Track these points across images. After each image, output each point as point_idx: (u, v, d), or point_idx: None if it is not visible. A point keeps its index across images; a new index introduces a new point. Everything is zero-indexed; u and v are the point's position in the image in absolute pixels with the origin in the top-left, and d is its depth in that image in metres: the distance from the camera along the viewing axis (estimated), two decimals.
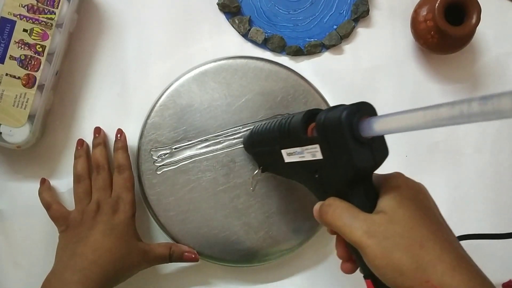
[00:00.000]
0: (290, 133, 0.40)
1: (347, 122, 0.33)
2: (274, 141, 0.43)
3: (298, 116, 0.39)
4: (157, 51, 0.59)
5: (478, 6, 0.53)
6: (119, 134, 0.55)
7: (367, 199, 0.35)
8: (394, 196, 0.34)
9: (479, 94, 0.65)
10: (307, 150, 0.38)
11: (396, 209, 0.33)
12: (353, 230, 0.33)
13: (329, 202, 0.36)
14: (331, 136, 0.34)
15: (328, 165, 0.36)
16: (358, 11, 0.59)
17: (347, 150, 0.33)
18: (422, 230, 0.32)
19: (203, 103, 0.55)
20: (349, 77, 0.60)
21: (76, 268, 0.47)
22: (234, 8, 0.59)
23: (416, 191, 0.36)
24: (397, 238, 0.32)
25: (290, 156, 0.41)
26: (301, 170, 0.40)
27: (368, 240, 0.32)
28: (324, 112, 0.36)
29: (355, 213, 0.34)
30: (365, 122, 0.32)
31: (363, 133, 0.33)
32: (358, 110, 0.33)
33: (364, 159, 0.34)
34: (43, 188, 0.55)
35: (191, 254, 0.53)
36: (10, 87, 0.51)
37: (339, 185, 0.36)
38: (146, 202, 0.54)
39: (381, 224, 0.33)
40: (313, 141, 0.37)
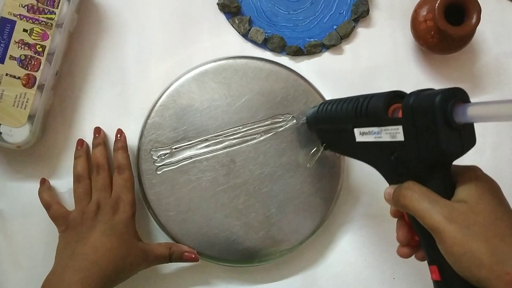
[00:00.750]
0: (369, 112, 0.39)
1: (441, 106, 0.32)
2: (347, 119, 0.42)
3: (380, 97, 0.38)
4: (157, 51, 0.59)
5: (478, 6, 0.53)
6: (119, 134, 0.55)
7: (445, 186, 0.35)
8: (474, 187, 0.34)
9: (479, 94, 0.65)
10: (386, 130, 0.37)
11: (477, 200, 0.33)
12: (433, 214, 0.33)
13: (409, 185, 0.36)
14: (420, 118, 0.34)
15: (410, 147, 0.35)
16: (358, 11, 0.59)
17: (435, 134, 0.33)
18: (503, 224, 0.33)
19: (203, 103, 0.55)
20: (349, 77, 0.60)
21: (76, 268, 0.47)
22: (234, 8, 0.59)
23: (495, 187, 0.36)
24: (478, 228, 0.32)
25: (364, 136, 0.40)
26: (375, 150, 0.39)
27: (449, 225, 0.32)
28: (413, 94, 0.35)
29: (436, 198, 0.34)
30: (460, 107, 0.32)
31: (456, 118, 0.32)
32: (453, 95, 0.33)
33: (452, 145, 0.34)
34: (43, 188, 0.55)
35: (191, 254, 0.53)
36: (10, 87, 0.51)
37: (418, 169, 0.36)
38: (146, 202, 0.54)
39: (462, 212, 0.33)
40: (395, 122, 0.36)
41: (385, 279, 0.59)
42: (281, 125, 0.55)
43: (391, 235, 0.59)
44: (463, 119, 0.32)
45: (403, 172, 0.37)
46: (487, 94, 0.62)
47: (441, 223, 0.33)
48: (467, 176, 0.36)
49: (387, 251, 0.59)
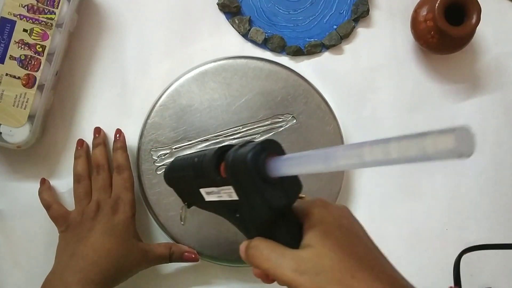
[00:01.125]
0: (203, 173, 0.37)
1: (253, 164, 0.32)
2: (191, 180, 0.40)
3: (209, 155, 0.37)
4: (157, 51, 0.59)
5: (478, 6, 0.53)
6: (118, 134, 0.55)
7: (291, 234, 0.34)
8: (319, 228, 0.33)
9: (479, 94, 0.65)
10: (223, 190, 0.36)
11: (322, 242, 0.32)
12: (283, 270, 0.32)
13: (255, 243, 0.35)
14: (241, 177, 0.33)
15: (245, 205, 0.35)
16: (358, 11, 0.59)
17: (258, 192, 0.32)
18: (351, 260, 0.32)
19: (203, 103, 0.55)
20: (349, 77, 0.60)
21: (76, 268, 0.47)
22: (234, 8, 0.59)
23: (339, 217, 0.35)
24: (328, 272, 0.31)
25: (209, 195, 0.39)
26: (223, 208, 0.38)
27: (300, 278, 0.31)
28: (232, 152, 0.34)
29: (282, 251, 0.33)
30: (271, 162, 0.32)
31: (270, 173, 0.32)
32: (263, 150, 0.32)
33: (277, 199, 0.33)
34: (43, 188, 0.55)
35: (191, 254, 0.53)
36: (10, 87, 0.51)
37: (260, 224, 0.35)
38: (146, 202, 0.54)
39: (309, 259, 0.32)
40: (226, 182, 0.35)
41: None
42: (281, 125, 0.55)
43: (391, 235, 0.59)
44: (276, 173, 0.32)
45: (249, 228, 0.36)
46: (487, 94, 0.62)
47: (292, 277, 0.31)
48: (310, 217, 0.34)
49: (387, 251, 0.59)
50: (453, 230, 0.60)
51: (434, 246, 0.60)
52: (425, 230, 0.60)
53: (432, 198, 0.60)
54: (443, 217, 0.60)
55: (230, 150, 0.35)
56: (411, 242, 0.60)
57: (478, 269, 0.60)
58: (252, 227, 0.36)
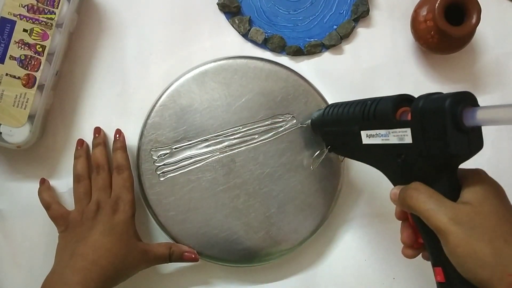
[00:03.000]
0: (377, 115, 0.39)
1: (451, 109, 0.33)
2: (354, 121, 0.42)
3: (388, 100, 0.39)
4: (157, 51, 0.59)
5: (478, 6, 0.53)
6: (117, 134, 0.55)
7: (451, 188, 0.36)
8: (479, 189, 0.35)
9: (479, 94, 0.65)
10: (394, 133, 0.38)
11: (482, 202, 0.34)
12: (438, 215, 0.34)
13: (415, 186, 0.36)
14: (429, 121, 0.34)
15: (418, 149, 0.36)
16: (358, 11, 0.59)
17: (444, 137, 0.33)
18: (506, 226, 0.33)
19: (203, 103, 0.55)
20: (349, 77, 0.60)
21: (76, 268, 0.47)
22: (234, 8, 0.59)
23: (499, 190, 0.36)
24: (482, 230, 0.33)
25: (371, 138, 0.40)
26: (382, 152, 0.40)
27: (453, 227, 0.33)
28: (422, 98, 0.36)
29: (442, 200, 0.35)
30: (469, 111, 0.33)
31: (465, 122, 0.33)
32: (462, 99, 0.33)
33: (460, 147, 0.34)
34: (42, 188, 0.55)
35: (191, 254, 0.53)
36: (10, 87, 0.51)
37: (425, 171, 0.36)
38: (146, 202, 0.54)
39: (467, 214, 0.33)
40: (403, 124, 0.37)
41: (385, 279, 0.59)
42: (281, 125, 0.55)
43: (391, 235, 0.59)
44: (472, 122, 0.33)
45: (409, 174, 0.38)
46: (487, 94, 0.62)
47: (446, 224, 0.33)
48: (472, 178, 0.36)
49: (387, 251, 0.59)
50: None
51: None
52: None
53: None
54: None
55: (418, 97, 0.36)
56: None
57: None
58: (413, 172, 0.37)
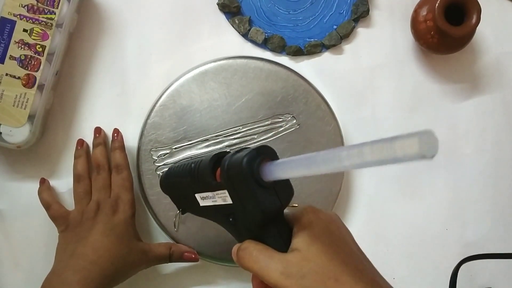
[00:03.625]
0: (199, 178, 0.39)
1: (248, 168, 0.33)
2: (187, 185, 0.42)
3: (206, 161, 0.38)
4: (157, 51, 0.59)
5: (478, 6, 0.53)
6: (115, 134, 0.55)
7: (282, 238, 0.35)
8: (306, 232, 0.34)
9: (479, 94, 0.65)
10: (217, 195, 0.37)
11: (309, 246, 0.33)
12: (270, 272, 0.33)
13: (245, 245, 0.36)
14: (236, 181, 0.34)
15: (239, 209, 0.36)
16: (358, 11, 0.59)
17: (252, 195, 0.34)
18: (335, 263, 0.33)
19: (203, 103, 0.55)
20: (349, 77, 0.60)
21: (76, 268, 0.47)
22: (234, 8, 0.59)
23: (328, 223, 0.36)
24: (312, 275, 0.32)
25: (204, 200, 0.40)
26: (216, 213, 0.39)
27: (286, 281, 0.32)
28: (228, 157, 0.35)
29: (271, 254, 0.34)
30: (265, 167, 0.33)
31: (264, 177, 0.33)
32: (258, 155, 0.33)
33: (269, 202, 0.34)
34: (42, 188, 0.55)
35: (191, 254, 0.53)
36: (10, 87, 0.51)
37: (252, 228, 0.36)
38: (146, 202, 0.54)
39: (296, 263, 0.33)
40: (221, 186, 0.36)
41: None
42: (281, 125, 0.55)
43: (391, 235, 0.59)
44: (270, 177, 0.33)
45: (241, 232, 0.37)
46: (487, 94, 0.62)
47: (279, 279, 0.32)
48: (300, 222, 0.35)
49: (387, 251, 0.59)
50: (453, 230, 0.60)
51: (434, 246, 0.60)
52: (425, 230, 0.60)
53: (432, 198, 0.60)
54: (443, 217, 0.60)
55: (226, 156, 0.36)
56: (411, 242, 0.60)
57: (478, 270, 0.60)
58: (244, 230, 0.37)
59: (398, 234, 0.60)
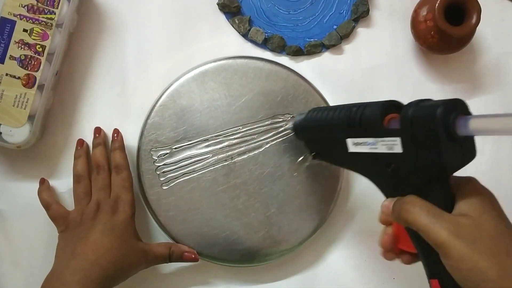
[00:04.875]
0: (363, 123, 0.38)
1: (443, 118, 0.32)
2: (339, 128, 0.40)
3: (375, 107, 0.37)
4: (157, 51, 0.59)
5: (478, 6, 0.53)
6: (115, 134, 0.55)
7: (445, 199, 0.35)
8: (476, 201, 0.34)
9: (479, 94, 0.65)
10: (382, 142, 0.36)
11: (480, 214, 0.33)
12: (438, 230, 0.33)
13: (411, 199, 0.35)
14: (420, 130, 0.33)
15: (408, 159, 0.35)
16: (358, 11, 0.59)
17: (437, 147, 0.32)
18: (507, 238, 0.33)
19: (203, 103, 0.55)
20: (349, 77, 0.60)
21: (76, 268, 0.47)
22: (234, 8, 0.59)
23: (493, 200, 0.36)
24: (484, 243, 0.32)
25: (358, 146, 0.38)
26: (370, 162, 0.38)
27: (455, 241, 0.32)
28: (412, 105, 0.34)
29: (439, 213, 0.34)
30: (462, 120, 0.32)
31: (459, 131, 0.32)
32: (454, 108, 0.32)
33: (453, 158, 0.33)
34: (42, 188, 0.55)
35: (191, 254, 0.53)
36: (10, 87, 0.51)
37: (417, 181, 0.35)
38: (146, 202, 0.54)
39: (468, 226, 0.32)
40: (392, 133, 0.35)
41: (385, 279, 0.59)
42: (281, 125, 0.55)
43: None
44: (465, 132, 0.32)
45: (400, 185, 0.36)
46: (487, 94, 0.62)
47: (447, 239, 0.32)
48: (466, 188, 0.35)
49: None
50: None
51: None
52: None
53: None
54: None
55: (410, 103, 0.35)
56: None
57: None
58: (406, 183, 0.36)
59: None
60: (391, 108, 0.37)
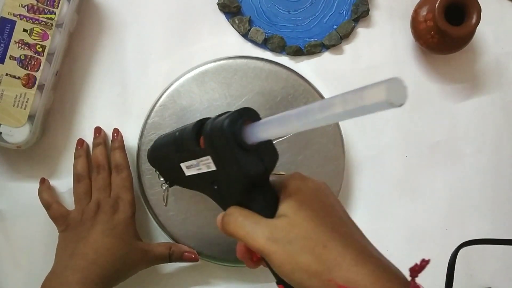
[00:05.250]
0: (184, 145, 0.38)
1: (230, 130, 0.32)
2: (171, 155, 0.41)
3: (189, 127, 0.38)
4: (157, 51, 0.59)
5: (478, 6, 0.53)
6: (115, 134, 0.55)
7: (267, 204, 0.35)
8: (294, 198, 0.34)
9: (479, 94, 0.65)
10: (201, 162, 0.37)
11: (296, 212, 0.33)
12: (256, 237, 0.32)
13: (230, 211, 0.35)
14: (219, 145, 0.34)
15: (223, 175, 0.35)
16: (358, 11, 0.59)
17: (234, 159, 0.33)
18: (324, 229, 0.32)
19: (203, 103, 0.55)
20: (349, 77, 0.60)
21: (76, 268, 0.47)
22: (234, 8, 0.59)
23: (316, 190, 0.35)
24: (300, 241, 0.31)
25: (189, 169, 0.39)
26: (201, 182, 0.38)
27: (272, 246, 0.32)
28: (210, 121, 0.35)
29: (257, 220, 0.33)
30: (248, 128, 0.32)
31: (247, 139, 0.32)
32: (240, 117, 0.32)
33: (253, 166, 0.33)
34: (42, 187, 0.55)
35: (191, 254, 0.53)
36: (10, 87, 0.51)
37: (236, 194, 0.35)
38: (146, 202, 0.54)
39: (283, 228, 0.32)
40: (205, 152, 0.36)
41: None
42: None
43: (391, 234, 0.59)
44: (253, 139, 0.32)
45: (226, 199, 0.37)
46: (487, 94, 0.62)
47: (265, 245, 0.32)
48: (287, 188, 0.35)
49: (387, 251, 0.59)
50: (452, 230, 0.60)
51: (434, 245, 0.60)
52: (425, 230, 0.60)
53: (431, 197, 0.60)
54: (442, 217, 0.60)
55: (208, 120, 0.35)
56: (410, 241, 0.60)
57: (477, 269, 0.60)
58: (229, 197, 0.36)
59: (398, 233, 0.60)
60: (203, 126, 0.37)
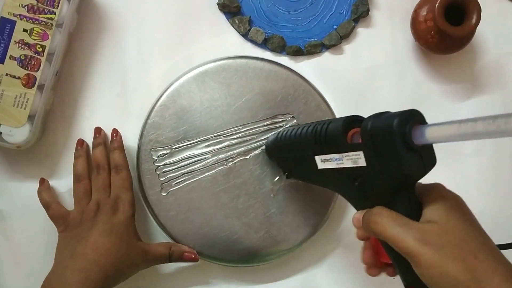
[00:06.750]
0: (328, 139, 0.39)
1: (399, 129, 0.32)
2: (307, 146, 0.42)
3: (337, 123, 0.38)
4: (157, 51, 0.59)
5: (478, 6, 0.53)
6: (114, 134, 0.55)
7: (412, 208, 0.35)
8: (442, 206, 0.34)
9: (479, 94, 0.65)
10: (347, 156, 0.37)
11: (446, 220, 0.34)
12: (405, 239, 0.33)
13: (378, 211, 0.36)
14: (380, 143, 0.34)
15: (372, 172, 0.35)
16: (358, 11, 0.59)
17: (397, 157, 0.33)
18: (474, 241, 0.33)
19: (203, 103, 0.55)
20: (349, 77, 0.60)
21: (76, 268, 0.47)
22: (234, 8, 0.59)
23: (460, 203, 0.36)
24: (452, 248, 0.32)
25: (326, 163, 0.40)
26: (338, 177, 0.39)
27: (423, 248, 0.32)
28: (370, 119, 0.35)
29: (406, 222, 0.34)
30: (418, 129, 0.33)
31: (415, 140, 0.33)
32: (410, 118, 0.33)
33: (413, 166, 0.34)
34: (42, 188, 0.55)
35: (191, 254, 0.53)
36: (10, 87, 0.51)
37: (383, 192, 0.36)
38: (146, 202, 0.54)
39: (434, 233, 0.33)
40: (355, 148, 0.36)
41: (385, 279, 0.59)
42: (281, 125, 0.55)
43: None
44: (422, 140, 0.32)
45: (368, 197, 0.37)
46: (487, 94, 0.62)
47: (415, 247, 0.33)
48: (432, 195, 0.36)
49: None
50: None
51: None
52: None
53: None
54: None
55: (366, 119, 0.36)
56: None
57: None
58: (373, 195, 0.37)
59: None
60: (353, 123, 0.38)
